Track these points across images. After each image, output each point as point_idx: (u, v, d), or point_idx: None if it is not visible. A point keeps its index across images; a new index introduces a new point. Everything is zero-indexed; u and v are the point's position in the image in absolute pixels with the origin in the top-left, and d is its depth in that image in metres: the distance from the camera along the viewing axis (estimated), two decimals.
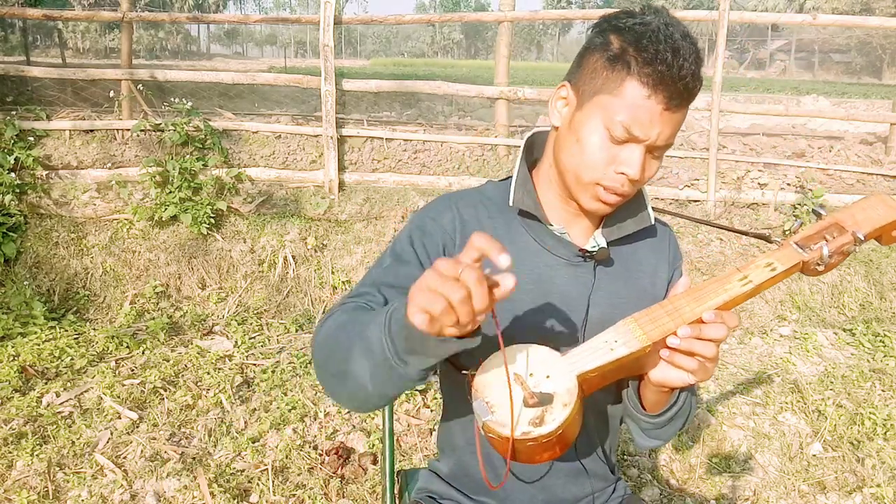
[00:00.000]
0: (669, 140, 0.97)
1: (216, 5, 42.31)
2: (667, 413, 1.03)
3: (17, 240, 4.03)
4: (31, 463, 2.43)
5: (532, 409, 0.87)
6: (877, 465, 2.54)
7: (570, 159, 1.00)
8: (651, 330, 0.90)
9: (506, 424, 0.85)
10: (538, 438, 0.85)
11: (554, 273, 1.07)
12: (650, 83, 0.92)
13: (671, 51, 0.91)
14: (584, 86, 0.99)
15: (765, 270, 0.92)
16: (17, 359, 3.22)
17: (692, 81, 0.93)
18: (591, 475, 1.18)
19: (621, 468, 2.57)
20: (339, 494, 2.36)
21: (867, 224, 0.94)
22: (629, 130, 0.94)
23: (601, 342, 0.91)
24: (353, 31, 55.35)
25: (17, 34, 16.46)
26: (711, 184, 4.51)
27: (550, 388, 0.89)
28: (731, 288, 0.91)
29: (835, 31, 33.89)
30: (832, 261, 0.93)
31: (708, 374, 0.93)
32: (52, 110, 4.78)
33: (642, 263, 1.12)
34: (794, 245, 0.93)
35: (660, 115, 0.93)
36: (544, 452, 0.89)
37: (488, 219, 1.10)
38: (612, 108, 0.94)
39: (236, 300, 4.05)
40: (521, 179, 1.09)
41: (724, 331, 0.89)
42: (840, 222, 0.94)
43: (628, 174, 0.96)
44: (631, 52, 0.93)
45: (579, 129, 0.98)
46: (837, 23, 5.69)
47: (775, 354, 3.50)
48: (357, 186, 4.65)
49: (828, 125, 7.34)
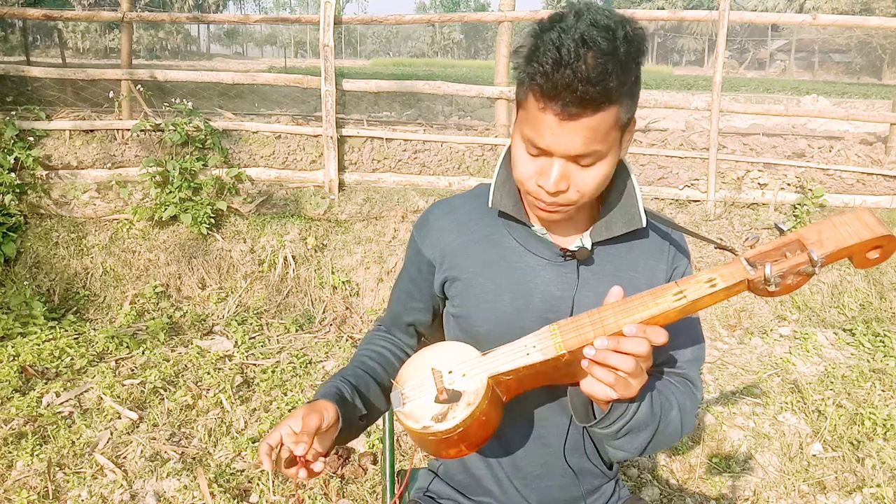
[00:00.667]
0: (587, 148, 0.92)
1: (216, 5, 42.29)
2: (610, 425, 0.94)
3: (17, 240, 4.03)
4: (31, 463, 2.43)
5: (440, 405, 0.89)
6: (877, 465, 2.54)
7: (513, 172, 1.04)
8: (570, 338, 0.87)
9: (412, 416, 0.90)
10: (437, 434, 0.88)
11: (536, 274, 1.08)
12: (539, 95, 0.91)
13: (552, 61, 0.87)
14: (516, 99, 1.01)
15: (703, 286, 0.85)
16: (17, 359, 3.22)
17: (586, 88, 0.87)
18: (586, 475, 1.19)
19: (621, 468, 2.57)
20: (339, 494, 2.36)
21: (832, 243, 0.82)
22: (534, 143, 0.95)
23: (520, 345, 0.91)
24: (353, 31, 55.35)
25: (17, 34, 16.46)
26: (711, 184, 4.51)
27: (462, 387, 0.90)
28: (663, 302, 0.86)
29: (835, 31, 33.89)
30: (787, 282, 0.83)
31: (630, 390, 0.88)
32: (52, 110, 4.77)
33: (637, 264, 1.11)
34: (743, 261, 0.85)
35: (558, 125, 0.91)
36: (449, 448, 0.91)
37: (469, 222, 1.13)
38: (523, 122, 0.97)
39: (236, 300, 4.05)
40: (500, 181, 1.10)
41: (645, 346, 0.85)
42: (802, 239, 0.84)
43: (543, 186, 0.96)
44: (526, 66, 0.93)
45: (513, 143, 1.02)
46: (837, 23, 5.69)
47: (775, 354, 3.50)
48: (357, 186, 4.65)
49: (828, 125, 7.34)
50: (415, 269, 1.20)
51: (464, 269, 1.11)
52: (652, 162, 4.74)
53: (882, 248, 0.83)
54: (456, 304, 1.14)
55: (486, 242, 1.11)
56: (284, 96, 9.89)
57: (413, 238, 1.20)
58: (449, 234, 1.14)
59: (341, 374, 1.17)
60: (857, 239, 0.82)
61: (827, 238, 0.83)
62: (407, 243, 1.25)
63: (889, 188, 4.64)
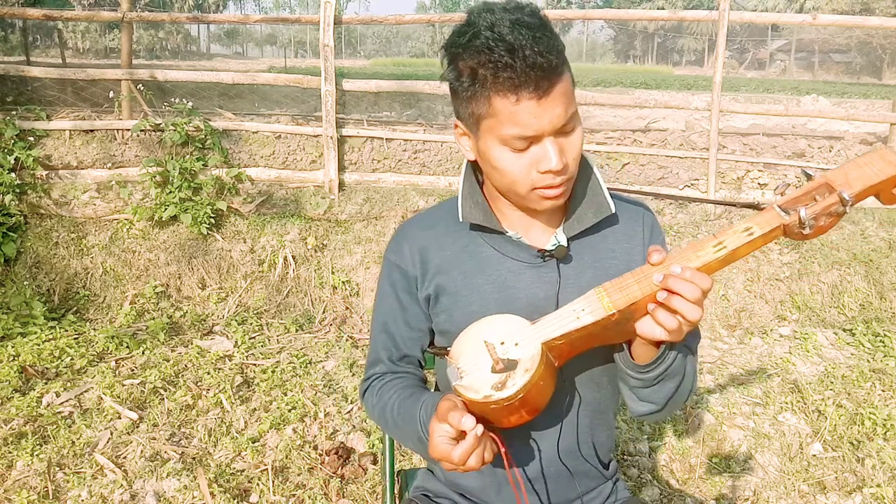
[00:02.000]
0: (567, 114, 0.95)
1: (216, 5, 42.31)
2: (654, 368, 0.99)
3: (17, 240, 4.03)
4: (31, 463, 2.43)
5: (498, 374, 0.91)
6: (877, 465, 2.54)
7: (499, 183, 1.03)
8: (618, 298, 0.90)
9: (471, 388, 0.91)
10: (500, 402, 0.89)
11: (518, 278, 1.09)
12: (509, 90, 0.92)
13: (507, 53, 0.89)
14: (466, 119, 1.01)
15: (741, 235, 0.89)
16: (17, 359, 3.22)
17: (545, 60, 0.90)
18: (582, 476, 1.19)
19: (621, 468, 2.57)
20: (339, 494, 2.36)
21: (859, 182, 0.86)
22: (522, 136, 0.95)
23: (569, 311, 0.94)
24: (353, 31, 55.35)
25: (17, 34, 16.47)
26: (711, 184, 4.51)
27: (517, 355, 0.92)
28: (704, 254, 0.89)
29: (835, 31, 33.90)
30: (820, 223, 0.87)
31: (681, 333, 0.91)
32: (52, 110, 4.77)
33: (614, 251, 1.13)
34: (776, 208, 0.89)
35: (538, 106, 0.92)
36: (511, 415, 0.93)
37: (445, 236, 1.13)
38: (498, 127, 0.96)
39: (236, 300, 4.05)
40: (466, 193, 1.11)
41: (696, 288, 0.86)
42: (830, 182, 0.88)
43: (552, 168, 0.96)
44: (479, 72, 0.93)
45: (488, 157, 1.00)
46: (837, 23, 5.69)
47: (775, 354, 3.50)
48: (357, 186, 4.65)
49: (828, 125, 7.34)
50: (403, 292, 1.16)
51: (446, 283, 1.11)
52: (652, 162, 4.74)
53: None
54: (443, 320, 1.13)
55: (464, 254, 1.11)
56: (284, 96, 9.89)
57: (390, 262, 1.17)
58: (427, 250, 1.13)
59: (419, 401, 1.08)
60: (883, 176, 0.86)
61: (854, 178, 0.87)
62: (381, 275, 1.19)
63: None
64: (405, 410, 1.09)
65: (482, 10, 0.94)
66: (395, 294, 1.17)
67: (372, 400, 1.17)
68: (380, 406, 1.15)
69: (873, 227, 4.37)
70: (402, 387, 1.14)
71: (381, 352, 1.19)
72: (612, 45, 65.87)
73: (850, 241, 4.29)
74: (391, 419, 1.12)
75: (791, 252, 4.26)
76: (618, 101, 5.36)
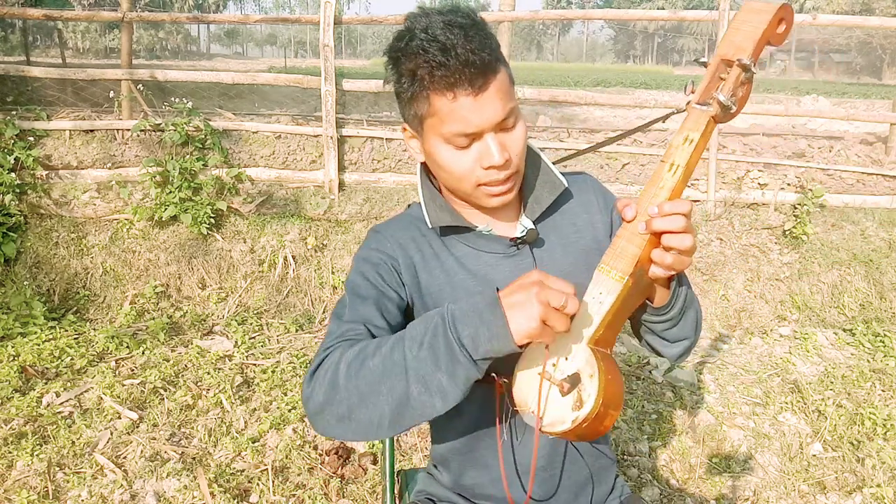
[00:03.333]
0: (505, 109, 0.97)
1: (216, 5, 42.31)
2: (675, 304, 1.03)
3: (17, 240, 4.03)
4: (31, 463, 2.44)
5: (569, 395, 0.90)
6: (877, 465, 2.54)
7: (447, 182, 1.06)
8: (621, 265, 0.92)
9: (556, 422, 0.90)
10: (588, 417, 0.88)
11: (495, 270, 1.10)
12: (445, 88, 0.94)
13: (440, 51, 0.92)
14: (411, 120, 1.03)
15: (685, 147, 0.91)
16: (17, 359, 3.22)
17: (478, 57, 0.93)
18: (584, 471, 1.19)
19: (621, 468, 2.57)
20: (339, 494, 2.36)
21: (747, 42, 0.89)
22: (463, 133, 0.97)
23: (590, 300, 0.94)
24: (353, 31, 55.36)
25: (17, 34, 16.47)
26: (711, 184, 4.51)
27: (573, 368, 0.91)
28: (665, 182, 0.91)
29: (835, 31, 33.89)
30: (739, 96, 0.90)
31: (684, 262, 0.92)
32: (52, 110, 4.77)
33: (577, 224, 1.16)
34: (696, 106, 0.92)
35: (475, 102, 0.95)
36: (604, 421, 0.91)
37: (422, 237, 1.14)
38: (438, 125, 0.98)
39: (236, 300, 4.05)
40: (428, 199, 1.12)
41: (677, 218, 0.88)
42: (724, 56, 0.90)
43: (494, 164, 0.98)
44: (418, 73, 0.96)
45: (434, 156, 1.02)
46: (837, 23, 5.69)
47: (775, 354, 3.50)
48: (357, 186, 4.65)
49: (828, 125, 7.33)
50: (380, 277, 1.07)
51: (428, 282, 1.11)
52: (652, 162, 4.74)
53: (783, 19, 0.90)
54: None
55: (443, 253, 1.12)
56: (284, 96, 9.90)
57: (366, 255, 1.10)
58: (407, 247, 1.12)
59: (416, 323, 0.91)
60: (762, 25, 0.88)
61: (740, 41, 0.89)
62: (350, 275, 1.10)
63: (889, 188, 4.64)
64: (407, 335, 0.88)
65: (418, 14, 0.98)
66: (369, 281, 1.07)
67: (334, 357, 0.92)
68: (353, 354, 0.90)
69: (873, 227, 4.37)
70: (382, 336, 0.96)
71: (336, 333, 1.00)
72: (612, 45, 65.88)
73: (850, 241, 4.29)
74: (379, 358, 0.87)
75: (791, 252, 4.26)
76: (618, 101, 5.36)
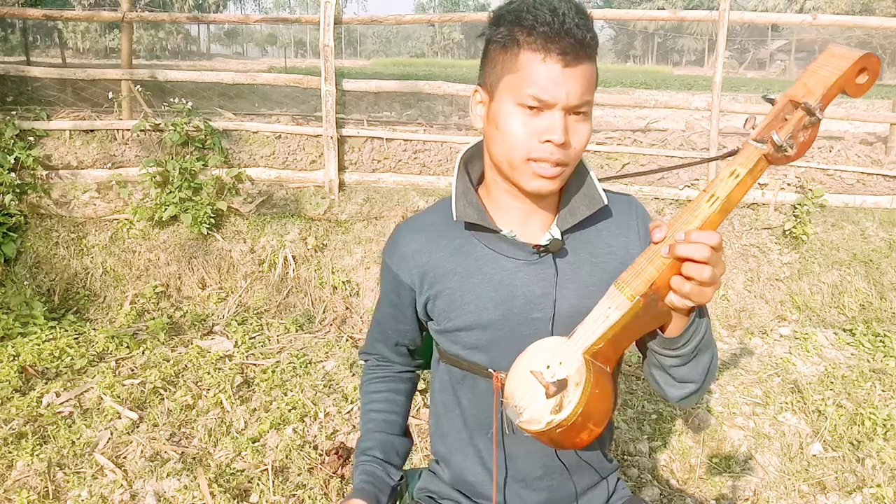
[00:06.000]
0: (584, 97, 0.98)
1: (216, 5, 42.28)
2: (689, 340, 0.98)
3: (17, 240, 4.03)
4: (31, 463, 2.43)
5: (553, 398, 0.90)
6: (877, 465, 2.54)
7: (497, 148, 1.04)
8: (636, 284, 0.90)
9: (533, 421, 0.90)
10: (563, 423, 0.88)
11: (514, 276, 1.09)
12: (539, 46, 0.95)
13: (549, 12, 0.95)
14: (489, 79, 1.04)
15: (729, 180, 0.88)
16: (17, 359, 3.22)
17: (581, 32, 0.95)
18: (585, 469, 1.19)
19: (621, 468, 2.57)
20: (339, 494, 2.36)
21: (819, 87, 0.86)
22: (538, 98, 0.97)
23: (598, 313, 0.93)
24: (354, 31, 55.33)
25: (17, 34, 16.46)
26: None
27: (564, 374, 0.91)
28: (701, 211, 0.89)
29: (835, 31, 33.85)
30: (800, 140, 0.87)
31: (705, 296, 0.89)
32: (52, 110, 4.77)
33: (611, 245, 1.13)
34: (752, 142, 0.89)
35: (560, 73, 0.96)
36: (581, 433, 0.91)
37: (438, 238, 1.13)
38: (517, 84, 0.98)
39: (236, 300, 4.05)
40: (460, 192, 1.11)
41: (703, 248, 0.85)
42: (792, 97, 0.87)
43: (553, 140, 0.98)
44: (515, 28, 0.97)
45: (497, 117, 1.02)
46: (837, 23, 5.68)
47: (775, 354, 3.50)
48: (357, 186, 4.65)
49: (828, 125, 7.33)
50: (395, 294, 1.21)
51: (443, 286, 1.12)
52: (652, 162, 4.74)
53: (866, 69, 0.86)
54: (442, 322, 1.14)
55: (459, 255, 1.11)
56: (284, 96, 9.89)
57: (386, 264, 1.21)
58: (421, 254, 1.14)
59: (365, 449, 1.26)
60: (839, 72, 0.85)
61: (813, 85, 0.86)
62: (381, 269, 1.26)
63: (889, 188, 4.64)
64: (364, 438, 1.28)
65: None
66: (389, 294, 1.23)
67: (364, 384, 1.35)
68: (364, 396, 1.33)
69: (873, 227, 4.37)
70: (373, 408, 1.30)
71: (375, 343, 1.32)
72: (612, 45, 65.86)
73: (850, 241, 4.29)
74: (362, 416, 1.32)
75: (791, 252, 4.26)
76: (618, 101, 5.36)
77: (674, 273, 0.89)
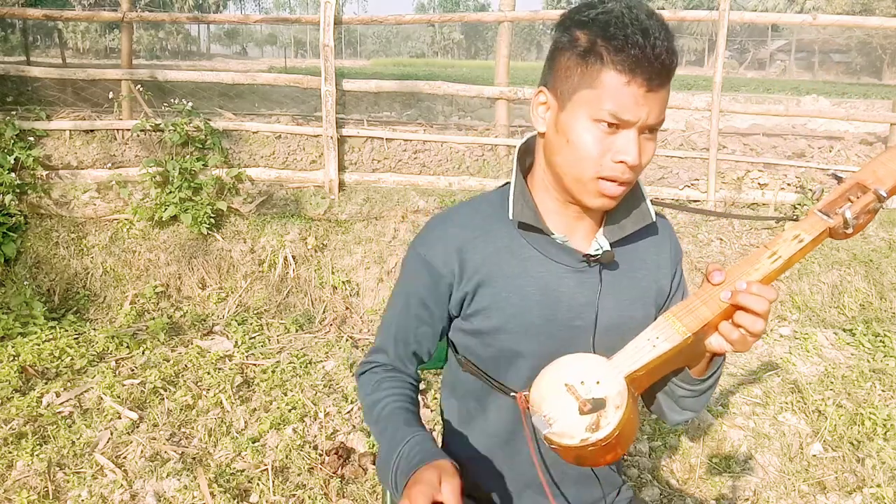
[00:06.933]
0: (660, 118, 0.97)
1: (216, 5, 42.30)
2: (708, 379, 1.03)
3: (17, 240, 4.03)
4: (31, 463, 2.43)
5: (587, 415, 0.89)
6: (877, 465, 2.54)
7: (564, 161, 0.99)
8: (690, 321, 0.91)
9: (565, 434, 0.89)
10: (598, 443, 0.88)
11: (560, 282, 1.06)
12: (627, 69, 0.92)
13: (640, 33, 0.90)
14: (561, 86, 0.98)
15: (792, 244, 0.92)
16: (17, 359, 3.22)
17: (668, 58, 0.92)
18: (599, 481, 1.19)
19: (622, 469, 2.57)
20: (339, 494, 2.36)
21: (890, 178, 0.92)
22: (617, 116, 0.93)
23: (644, 341, 0.93)
24: (353, 31, 55.33)
25: (17, 34, 16.47)
26: (711, 184, 4.51)
27: (602, 393, 0.90)
28: (762, 266, 0.92)
29: (835, 32, 33.87)
30: (859, 222, 0.92)
31: (747, 345, 0.93)
32: (52, 110, 4.77)
33: (645, 262, 1.12)
34: (818, 213, 0.94)
35: (643, 97, 0.93)
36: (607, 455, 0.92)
37: (485, 234, 1.09)
38: (596, 101, 0.94)
39: (236, 300, 4.05)
40: (518, 191, 1.08)
41: (762, 302, 0.88)
42: (861, 182, 0.94)
43: (627, 161, 0.95)
44: (600, 42, 0.93)
45: (567, 129, 0.98)
46: (837, 23, 5.68)
47: (775, 354, 3.50)
48: (357, 186, 4.65)
49: (828, 125, 7.33)
50: (426, 289, 1.11)
51: (487, 282, 1.07)
52: (652, 162, 4.74)
53: None
54: (479, 320, 1.09)
55: (506, 254, 1.07)
56: (284, 96, 9.90)
57: (419, 255, 1.11)
58: (464, 250, 1.08)
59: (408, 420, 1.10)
60: None
61: (883, 175, 0.93)
62: (405, 264, 1.15)
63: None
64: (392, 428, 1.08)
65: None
66: (418, 290, 1.12)
67: (366, 388, 1.17)
68: (372, 398, 1.15)
69: (873, 227, 4.37)
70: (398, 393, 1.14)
71: (389, 342, 1.18)
72: None
73: (850, 241, 4.29)
74: (375, 418, 1.12)
75: None
76: None
77: (725, 318, 0.92)
